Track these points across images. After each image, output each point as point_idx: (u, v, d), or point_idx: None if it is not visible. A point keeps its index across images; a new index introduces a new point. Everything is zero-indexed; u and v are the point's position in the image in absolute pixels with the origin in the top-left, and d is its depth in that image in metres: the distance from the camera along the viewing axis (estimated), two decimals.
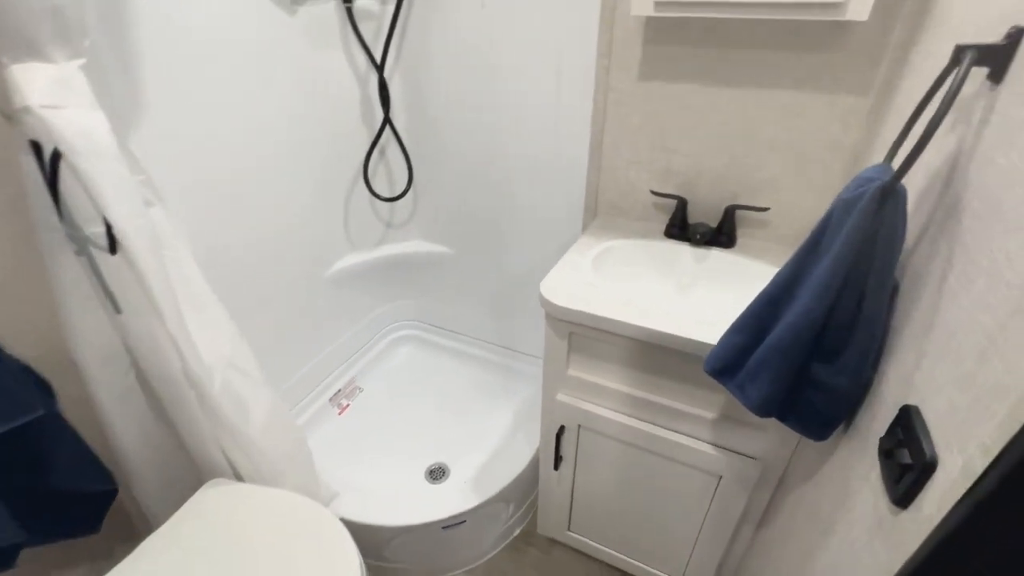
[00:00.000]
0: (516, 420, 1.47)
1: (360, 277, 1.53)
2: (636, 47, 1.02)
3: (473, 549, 1.32)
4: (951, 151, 0.54)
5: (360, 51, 1.22)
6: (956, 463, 0.39)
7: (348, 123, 1.31)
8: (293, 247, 1.30)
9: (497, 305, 1.56)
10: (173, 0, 0.90)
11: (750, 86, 0.96)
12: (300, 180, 1.26)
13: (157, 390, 0.88)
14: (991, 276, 0.41)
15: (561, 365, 1.01)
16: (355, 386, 1.60)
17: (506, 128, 1.24)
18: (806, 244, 0.61)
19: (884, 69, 0.86)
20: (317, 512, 0.90)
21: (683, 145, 1.07)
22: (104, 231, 0.72)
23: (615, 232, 1.14)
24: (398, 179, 1.43)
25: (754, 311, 0.67)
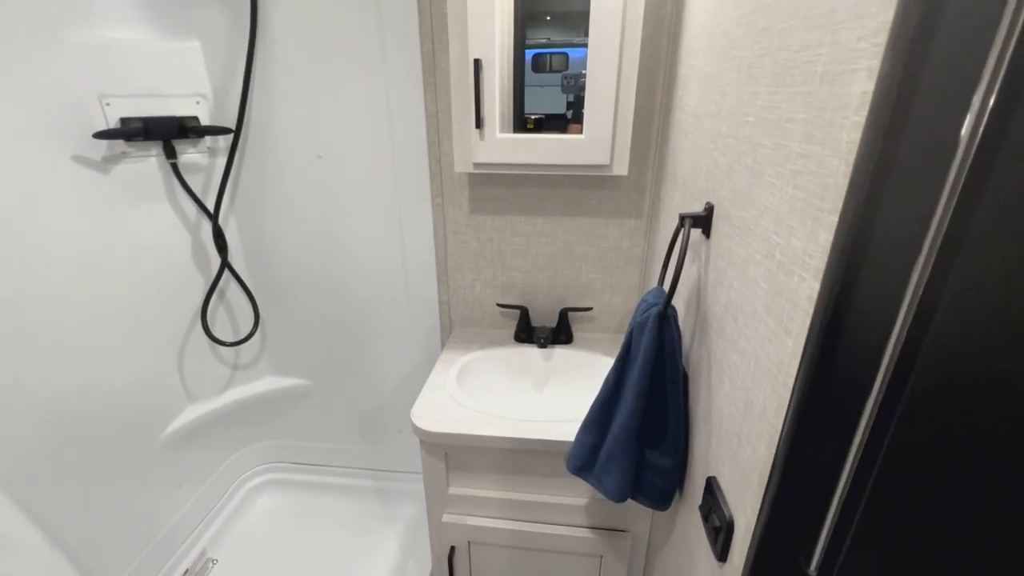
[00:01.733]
0: (403, 549, 1.41)
1: (203, 430, 1.38)
2: (465, 189, 1.19)
3: None
4: (696, 277, 0.75)
5: (190, 202, 1.20)
6: (743, 521, 0.54)
7: (179, 274, 1.24)
8: (123, 418, 1.14)
9: (365, 429, 1.52)
10: None
11: (562, 215, 1.19)
12: (121, 343, 1.13)
13: None
14: (731, 380, 0.59)
15: (441, 486, 1.04)
16: (206, 559, 1.38)
17: (353, 260, 1.30)
18: (621, 354, 0.77)
19: (648, 199, 1.15)
20: None
21: (518, 263, 1.25)
22: None
23: (472, 343, 1.24)
24: (242, 321, 1.37)
25: (595, 414, 0.80)
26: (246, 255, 1.32)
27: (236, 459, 1.53)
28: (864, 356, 0.35)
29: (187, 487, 1.36)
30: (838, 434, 0.38)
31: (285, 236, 1.29)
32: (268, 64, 1.13)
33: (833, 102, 0.39)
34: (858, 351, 0.36)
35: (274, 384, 1.48)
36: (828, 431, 0.39)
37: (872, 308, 0.34)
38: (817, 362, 0.38)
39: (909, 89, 0.30)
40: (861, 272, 0.35)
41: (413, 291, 1.31)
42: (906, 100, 0.31)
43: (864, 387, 0.35)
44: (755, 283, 0.52)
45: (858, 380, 0.36)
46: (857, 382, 0.36)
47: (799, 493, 0.43)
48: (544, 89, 1.04)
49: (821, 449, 0.40)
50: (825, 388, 0.39)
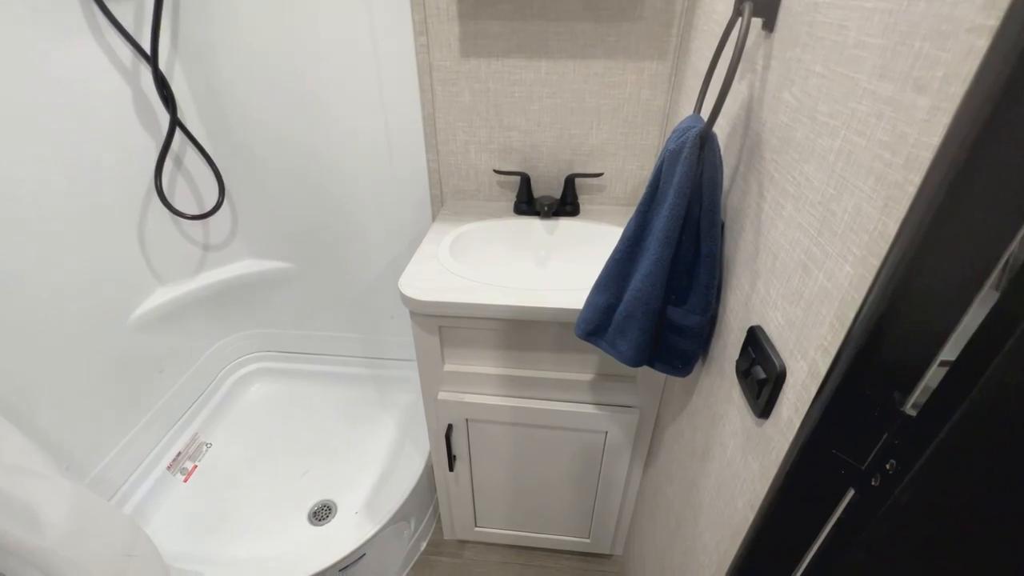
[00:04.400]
0: (400, 430, 1.38)
1: (178, 313, 1.28)
2: (453, 23, 0.98)
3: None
4: (744, 97, 0.60)
5: (121, 40, 0.99)
6: (803, 368, 0.44)
7: (121, 133, 1.06)
8: (82, 303, 1.03)
9: (355, 315, 1.43)
10: None
11: (569, 58, 0.99)
12: (65, 215, 0.98)
13: None
14: (797, 199, 0.46)
15: (436, 363, 0.96)
16: (199, 443, 1.35)
17: (328, 122, 1.11)
18: (645, 197, 0.64)
19: (676, 34, 0.95)
20: None
21: (518, 121, 1.08)
22: None
23: (466, 216, 1.11)
24: (206, 192, 1.21)
25: (612, 269, 0.69)
26: (200, 111, 1.13)
27: (222, 346, 1.46)
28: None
29: (169, 373, 1.29)
30: (981, 239, 0.26)
31: (246, 88, 1.09)
32: None
33: None
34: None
35: (252, 267, 1.36)
36: (965, 236, 0.26)
37: None
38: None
39: None
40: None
41: (398, 158, 1.15)
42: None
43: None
44: (860, 48, 0.37)
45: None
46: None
47: (904, 322, 0.32)
48: None
49: (957, 258, 0.28)
50: (966, 172, 0.25)
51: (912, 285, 0.31)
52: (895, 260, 0.32)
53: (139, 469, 1.21)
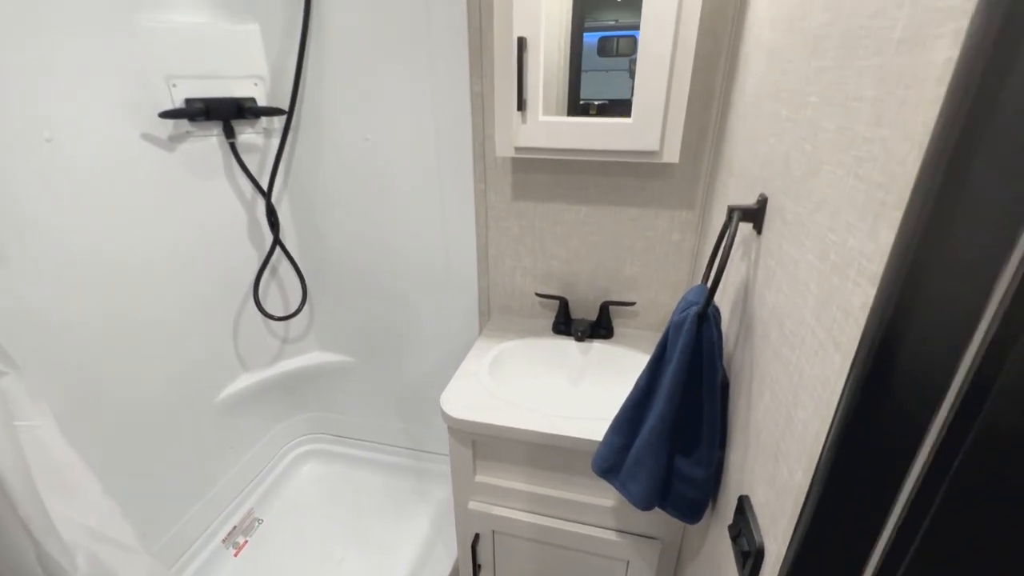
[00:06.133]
0: (434, 529, 1.43)
1: (254, 397, 1.45)
2: (507, 174, 1.16)
3: None
4: (744, 276, 0.69)
5: (246, 180, 1.25)
6: (773, 550, 0.48)
7: (233, 249, 1.30)
8: (180, 382, 1.23)
9: (403, 408, 1.55)
10: (36, 151, 0.88)
11: (608, 204, 1.13)
12: (183, 313, 1.21)
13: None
14: (773, 393, 0.53)
15: (468, 473, 1.03)
16: (253, 518, 1.46)
17: (397, 243, 1.31)
18: (655, 354, 0.72)
19: (702, 190, 1.07)
20: None
21: (559, 252, 1.21)
22: None
23: (508, 332, 1.22)
24: (292, 296, 1.43)
25: (625, 414, 0.76)
26: (297, 233, 1.36)
27: (283, 428, 1.61)
28: (926, 381, 0.29)
29: (237, 449, 1.45)
30: (887, 470, 0.32)
31: (333, 216, 1.32)
32: (321, 46, 1.14)
33: (909, 75, 0.32)
34: (918, 374, 0.30)
35: (320, 359, 1.53)
36: (875, 465, 0.33)
37: (939, 323, 0.28)
38: (866, 383, 0.33)
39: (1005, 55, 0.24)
40: (928, 279, 0.29)
41: (454, 276, 1.31)
42: (1001, 68, 0.24)
43: (922, 418, 0.30)
44: (805, 287, 0.46)
45: (915, 409, 0.30)
46: (914, 411, 0.30)
47: (836, 530, 0.38)
48: (610, 74, 0.98)
49: (865, 484, 0.34)
50: (875, 415, 0.33)
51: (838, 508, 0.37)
52: (822, 473, 0.38)
53: (199, 540, 1.33)
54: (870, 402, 0.33)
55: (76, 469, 0.79)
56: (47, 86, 0.89)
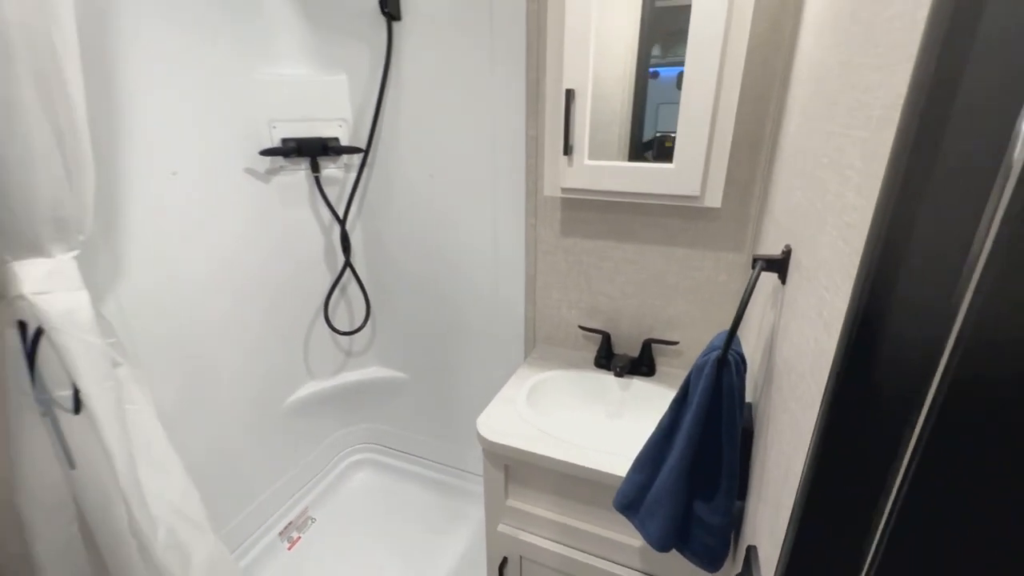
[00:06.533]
0: (468, 548, 1.47)
1: (318, 404, 1.59)
2: (557, 211, 1.22)
3: None
4: (771, 325, 0.69)
5: (325, 208, 1.41)
6: None
7: (311, 268, 1.46)
8: (256, 383, 1.38)
9: (449, 428, 1.62)
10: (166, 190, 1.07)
11: (654, 243, 1.16)
12: (264, 323, 1.37)
13: (99, 542, 0.89)
14: (778, 444, 0.53)
15: (500, 496, 1.07)
16: (307, 516, 1.58)
17: (453, 270, 1.40)
18: (678, 396, 0.74)
19: (750, 233, 1.06)
20: None
21: (605, 288, 1.25)
22: (71, 394, 0.80)
23: (551, 362, 1.26)
24: (357, 314, 1.56)
25: (648, 452, 0.77)
26: (366, 257, 1.50)
27: (342, 435, 1.74)
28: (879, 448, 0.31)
29: (300, 451, 1.59)
30: (852, 534, 0.33)
31: (398, 243, 1.45)
32: (396, 94, 1.29)
33: (883, 152, 0.35)
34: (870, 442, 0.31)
35: (378, 373, 1.65)
36: (839, 525, 0.34)
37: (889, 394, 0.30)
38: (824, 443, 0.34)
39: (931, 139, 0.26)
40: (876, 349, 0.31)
41: (502, 305, 1.37)
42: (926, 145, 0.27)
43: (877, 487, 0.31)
44: (807, 342, 0.47)
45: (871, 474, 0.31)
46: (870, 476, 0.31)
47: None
48: None
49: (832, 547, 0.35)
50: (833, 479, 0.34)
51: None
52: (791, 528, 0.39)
53: (259, 530, 1.46)
54: (828, 462, 0.34)
55: (167, 452, 0.92)
56: (177, 129, 1.09)
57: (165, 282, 1.11)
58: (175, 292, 1.14)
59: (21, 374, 0.79)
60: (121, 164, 0.99)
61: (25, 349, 0.78)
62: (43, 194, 0.73)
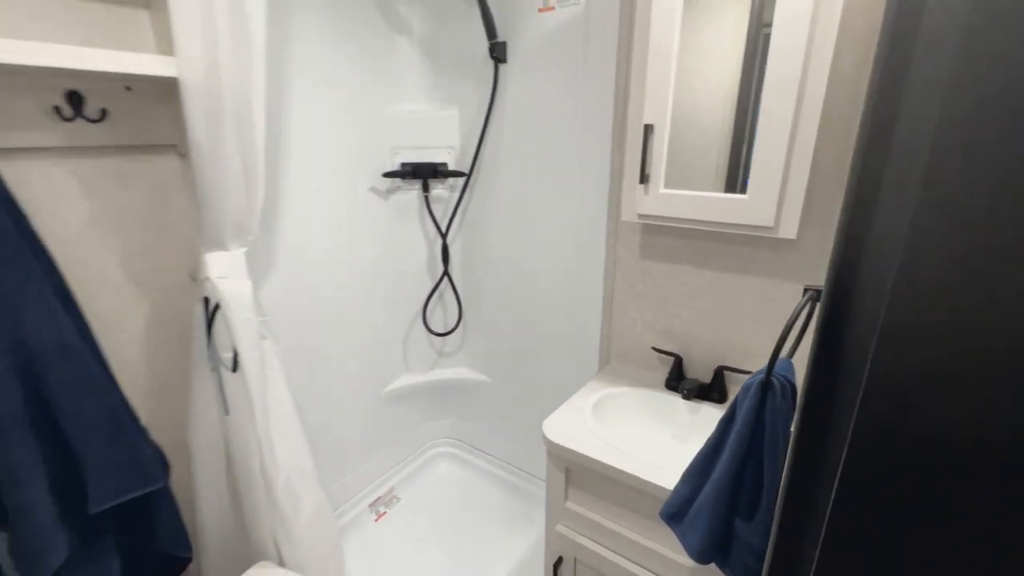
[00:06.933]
0: (530, 550, 1.54)
1: (411, 395, 1.79)
2: (637, 235, 1.29)
3: None
4: None
5: (431, 223, 1.61)
6: None
7: (415, 274, 1.67)
8: (362, 369, 1.62)
9: (524, 434, 1.72)
10: (308, 204, 1.34)
11: (731, 271, 1.17)
12: (373, 318, 1.60)
13: (237, 478, 1.13)
14: None
15: (560, 498, 1.14)
16: (393, 495, 1.78)
17: (536, 284, 1.52)
18: (727, 414, 0.77)
19: None
20: None
21: (681, 312, 1.28)
22: (232, 356, 1.04)
23: (621, 379, 1.31)
24: (450, 318, 1.74)
25: (695, 466, 0.81)
26: (462, 268, 1.68)
27: (429, 427, 1.93)
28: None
29: (393, 434, 1.79)
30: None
31: (490, 257, 1.61)
32: (498, 126, 1.45)
33: None
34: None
35: (465, 374, 1.81)
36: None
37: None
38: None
39: None
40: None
41: (580, 321, 1.46)
42: None
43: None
44: None
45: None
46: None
47: None
48: None
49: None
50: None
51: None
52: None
53: (350, 500, 1.68)
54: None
55: (290, 412, 1.15)
56: (322, 153, 1.35)
57: (300, 277, 1.37)
58: (306, 286, 1.39)
59: (201, 337, 1.06)
60: (280, 181, 1.26)
61: (206, 319, 1.04)
62: (230, 206, 0.98)
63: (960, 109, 0.31)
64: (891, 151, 0.33)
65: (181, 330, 1.12)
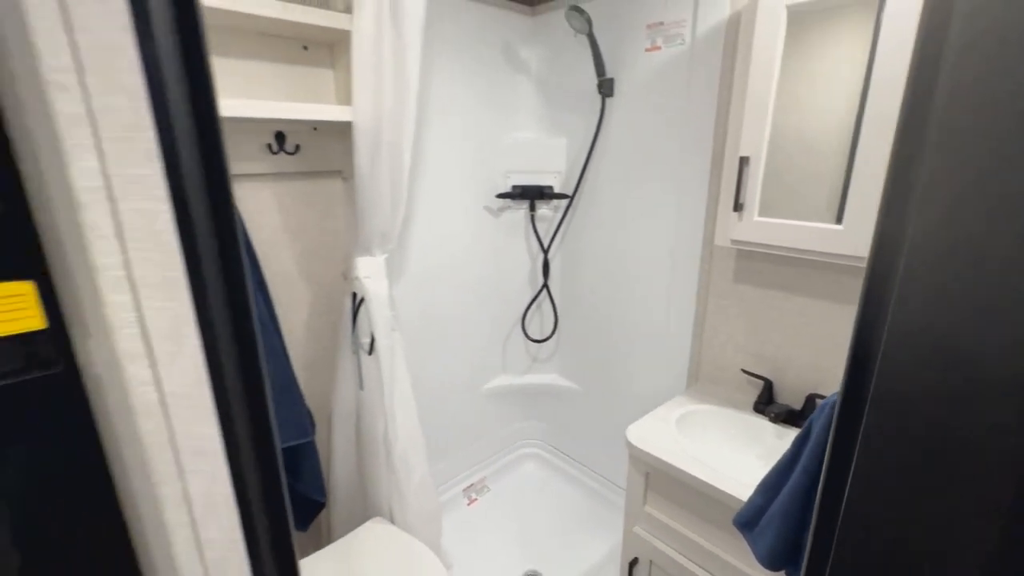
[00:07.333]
0: (610, 552, 1.61)
1: (507, 395, 1.96)
2: (731, 259, 1.33)
3: None
4: None
5: (535, 240, 1.78)
6: None
7: (518, 285, 1.85)
8: (465, 366, 1.82)
9: (610, 443, 1.80)
10: (433, 219, 1.57)
11: (828, 300, 1.18)
12: (478, 321, 1.80)
13: (364, 444, 1.37)
14: None
15: (639, 501, 1.22)
16: (485, 484, 1.95)
17: (631, 300, 1.61)
18: (803, 431, 0.81)
19: None
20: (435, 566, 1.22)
21: (773, 337, 1.30)
22: (369, 341, 1.28)
23: (708, 397, 1.36)
24: (546, 327, 1.89)
25: (770, 479, 0.86)
26: (560, 281, 1.83)
27: (521, 427, 2.08)
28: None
29: (489, 428, 1.97)
30: None
31: (587, 273, 1.73)
32: (602, 153, 1.58)
33: None
34: None
35: (556, 380, 1.94)
36: None
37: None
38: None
39: None
40: None
41: (670, 339, 1.52)
42: None
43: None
44: None
45: None
46: None
47: None
48: None
49: None
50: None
51: None
52: None
53: (447, 483, 1.88)
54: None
55: (408, 393, 1.36)
56: (448, 175, 1.58)
57: (422, 282, 1.61)
58: (426, 289, 1.63)
59: (347, 325, 1.31)
60: (416, 198, 1.50)
61: (352, 310, 1.29)
62: (379, 220, 1.22)
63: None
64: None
65: (333, 318, 1.39)
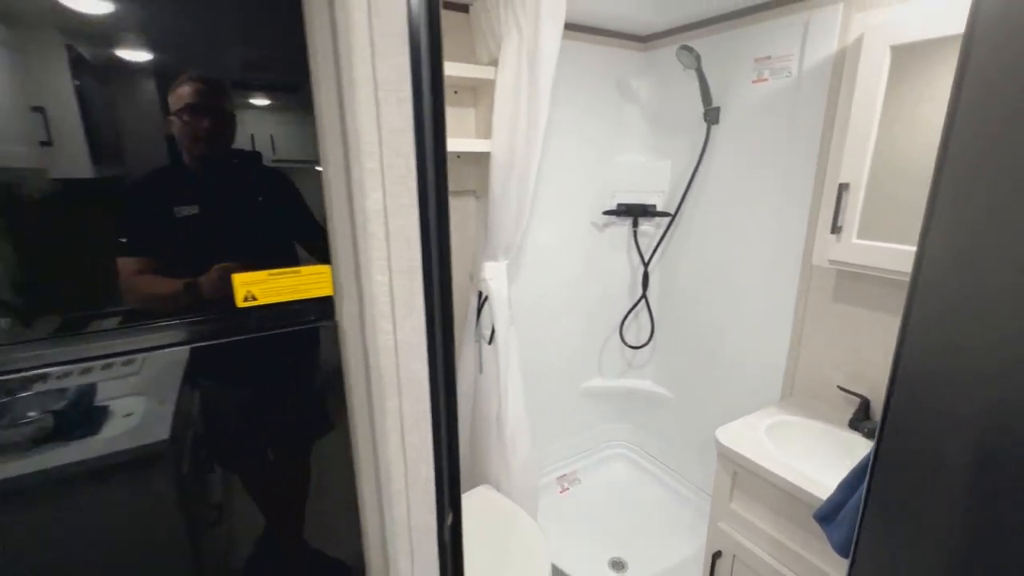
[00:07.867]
0: (695, 553, 1.70)
1: (601, 396, 2.12)
2: (831, 279, 1.39)
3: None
4: None
5: (636, 254, 1.93)
6: None
7: (618, 295, 2.01)
8: (565, 365, 2.01)
9: (701, 451, 1.88)
10: (547, 232, 1.79)
11: None
12: (580, 325, 1.99)
13: (478, 420, 1.62)
14: None
15: (725, 497, 1.32)
16: (576, 477, 2.11)
17: (727, 314, 1.70)
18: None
19: None
20: (537, 532, 1.42)
21: (874, 358, 1.32)
22: (490, 333, 1.52)
23: (801, 410, 1.41)
24: (643, 334, 2.02)
25: (848, 479, 0.94)
26: (658, 293, 1.95)
27: (613, 427, 2.21)
28: None
29: (583, 424, 2.14)
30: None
31: (685, 286, 1.84)
32: (705, 176, 1.70)
33: None
34: None
35: (650, 387, 2.06)
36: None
37: None
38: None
39: None
40: None
41: (765, 353, 1.58)
42: None
43: None
44: None
45: None
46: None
47: None
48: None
49: None
50: None
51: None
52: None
53: (545, 471, 2.07)
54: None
55: (518, 379, 1.59)
56: (560, 194, 1.80)
57: (533, 286, 1.83)
58: (536, 293, 1.85)
59: (472, 318, 1.57)
60: (533, 214, 1.74)
61: (477, 307, 1.55)
62: (505, 233, 1.46)
63: None
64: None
65: (460, 312, 1.66)
